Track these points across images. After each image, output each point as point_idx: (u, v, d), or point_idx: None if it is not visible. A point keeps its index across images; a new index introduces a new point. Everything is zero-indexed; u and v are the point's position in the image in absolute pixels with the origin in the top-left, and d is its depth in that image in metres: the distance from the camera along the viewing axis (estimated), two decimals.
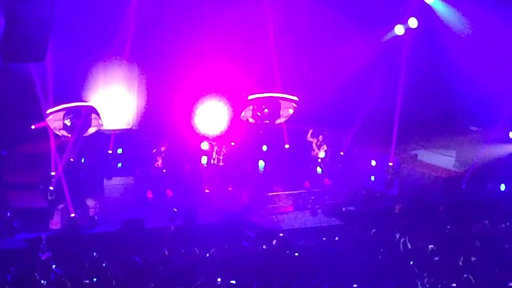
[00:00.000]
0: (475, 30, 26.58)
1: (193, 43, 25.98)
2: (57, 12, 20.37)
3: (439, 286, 16.80)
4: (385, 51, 27.35)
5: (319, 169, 26.53)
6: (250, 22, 26.36)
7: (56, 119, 24.53)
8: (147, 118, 26.71)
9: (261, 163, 26.58)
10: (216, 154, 25.28)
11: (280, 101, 27.29)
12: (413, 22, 27.02)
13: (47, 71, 23.48)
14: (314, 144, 26.19)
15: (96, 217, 21.35)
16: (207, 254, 18.68)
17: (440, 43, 27.00)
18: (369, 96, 27.11)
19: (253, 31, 26.46)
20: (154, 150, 24.84)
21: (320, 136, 26.16)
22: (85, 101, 25.38)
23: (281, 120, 27.24)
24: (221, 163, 25.33)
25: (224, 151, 25.39)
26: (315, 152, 26.21)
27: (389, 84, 27.39)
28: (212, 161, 25.22)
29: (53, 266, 17.53)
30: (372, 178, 26.07)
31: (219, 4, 26.09)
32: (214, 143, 25.19)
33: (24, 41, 19.97)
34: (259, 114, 26.97)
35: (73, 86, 24.74)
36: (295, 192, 24.93)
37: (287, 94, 27.12)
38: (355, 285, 16.86)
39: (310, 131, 26.30)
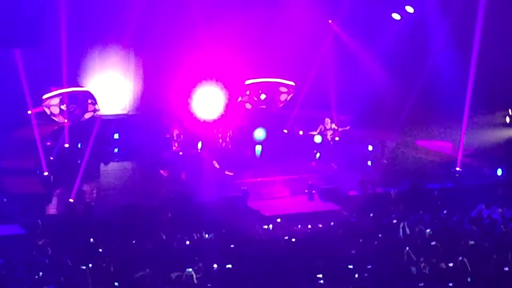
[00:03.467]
0: (473, 15, 26.54)
1: (190, 29, 25.93)
2: None
3: (435, 271, 16.82)
4: (383, 37, 27.32)
5: (318, 154, 26.55)
6: (248, 8, 26.31)
7: (52, 104, 24.52)
8: (143, 103, 26.69)
9: (258, 148, 26.57)
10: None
11: (277, 86, 27.29)
12: (409, 8, 27.01)
13: (43, 56, 23.43)
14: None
15: (92, 203, 21.33)
16: (205, 238, 18.68)
17: (438, 29, 26.96)
18: (366, 82, 27.11)
19: (251, 16, 26.41)
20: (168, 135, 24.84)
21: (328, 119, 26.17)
22: (82, 86, 25.35)
23: (278, 105, 27.22)
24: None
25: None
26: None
27: (387, 70, 27.40)
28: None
29: (50, 252, 17.50)
30: (369, 163, 26.09)
31: None
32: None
33: (20, 26, 19.96)
34: (256, 99, 26.97)
35: (69, 71, 24.69)
36: (293, 177, 24.94)
37: (284, 79, 27.10)
38: (350, 266, 16.91)
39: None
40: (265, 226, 19.92)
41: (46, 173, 22.70)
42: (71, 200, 21.24)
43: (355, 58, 27.38)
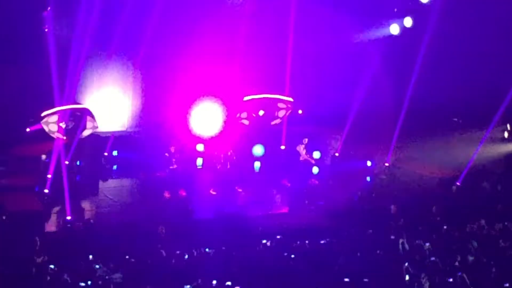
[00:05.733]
0: (470, 30, 26.63)
1: (188, 45, 26.01)
2: (51, 14, 20.41)
3: (435, 287, 16.80)
4: (379, 50, 27.40)
5: (315, 169, 26.53)
6: (246, 24, 26.39)
7: (51, 122, 24.49)
8: (142, 120, 26.71)
9: (257, 163, 26.59)
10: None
11: (276, 102, 27.30)
12: (408, 22, 27.10)
13: (41, 73, 23.45)
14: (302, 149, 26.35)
15: (91, 220, 21.29)
16: (204, 255, 18.66)
17: (434, 43, 27.02)
18: (363, 97, 27.16)
19: (249, 32, 26.48)
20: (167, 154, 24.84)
21: (305, 139, 26.33)
22: (80, 104, 25.35)
23: (276, 121, 27.24)
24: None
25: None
26: (302, 157, 26.37)
27: (383, 84, 27.46)
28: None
29: (49, 269, 17.46)
30: (368, 178, 26.08)
31: (215, 6, 26.14)
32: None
33: (19, 43, 20.03)
34: (254, 115, 26.98)
35: (68, 89, 24.70)
36: (291, 192, 24.92)
37: (282, 95, 27.13)
38: (346, 279, 16.92)
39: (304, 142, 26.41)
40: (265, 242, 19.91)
41: (46, 191, 22.68)
42: (68, 217, 21.20)
43: (353, 74, 27.42)
